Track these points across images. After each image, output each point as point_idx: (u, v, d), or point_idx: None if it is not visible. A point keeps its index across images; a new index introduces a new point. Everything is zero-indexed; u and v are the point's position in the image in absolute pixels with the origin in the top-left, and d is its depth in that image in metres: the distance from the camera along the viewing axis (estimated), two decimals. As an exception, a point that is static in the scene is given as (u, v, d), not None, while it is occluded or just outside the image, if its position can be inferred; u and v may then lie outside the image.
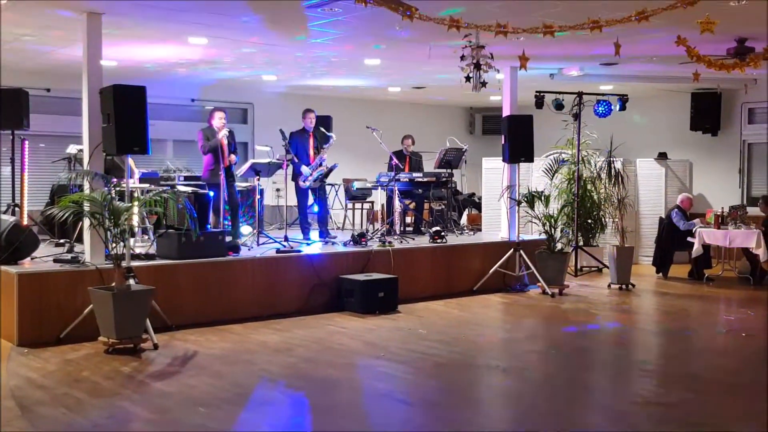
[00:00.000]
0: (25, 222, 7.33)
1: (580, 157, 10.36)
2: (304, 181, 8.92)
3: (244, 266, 7.27)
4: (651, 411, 4.55)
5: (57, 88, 10.61)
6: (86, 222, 6.41)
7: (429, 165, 10.93)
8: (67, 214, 5.85)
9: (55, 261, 6.62)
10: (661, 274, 10.18)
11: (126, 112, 6.44)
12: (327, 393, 4.93)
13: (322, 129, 9.20)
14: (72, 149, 8.73)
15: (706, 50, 7.90)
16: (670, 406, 4.63)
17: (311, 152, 9.02)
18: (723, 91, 12.12)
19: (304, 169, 8.88)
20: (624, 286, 9.20)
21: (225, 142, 8.10)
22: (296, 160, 8.86)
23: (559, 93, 10.28)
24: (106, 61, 7.54)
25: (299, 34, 8.02)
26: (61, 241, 7.91)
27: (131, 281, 5.98)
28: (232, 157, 8.30)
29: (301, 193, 9.03)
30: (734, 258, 10.62)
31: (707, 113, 12.34)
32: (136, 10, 6.96)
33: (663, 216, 10.59)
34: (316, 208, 9.14)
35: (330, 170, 9.52)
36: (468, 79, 7.18)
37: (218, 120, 8.20)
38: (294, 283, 7.50)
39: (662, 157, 11.85)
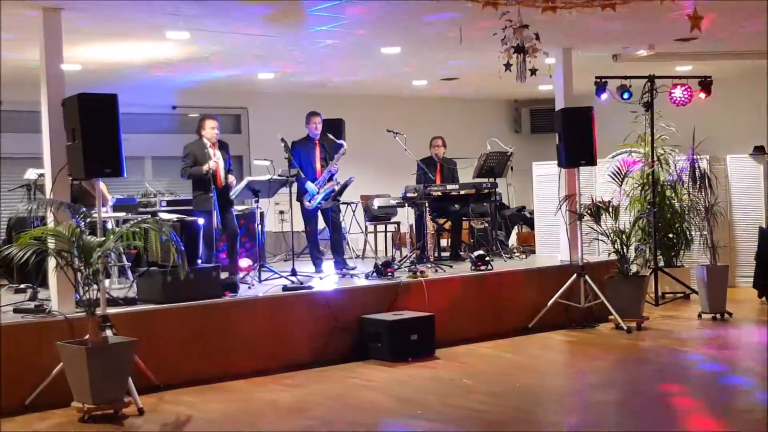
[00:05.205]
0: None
1: (656, 157, 10.32)
2: (310, 201, 9.02)
3: (245, 308, 7.35)
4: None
5: (10, 100, 10.84)
6: (51, 262, 6.53)
7: (466, 174, 10.96)
8: (28, 254, 5.97)
9: (15, 311, 6.73)
10: (765, 298, 10.09)
11: (94, 126, 6.57)
12: (352, 462, 4.96)
13: (331, 136, 9.30)
14: (31, 174, 8.89)
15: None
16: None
17: (317, 165, 9.12)
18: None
19: (310, 185, 8.98)
20: (719, 316, 9.13)
21: (221, 165, 8.23)
22: (301, 176, 8.96)
23: (626, 78, 10.27)
24: (68, 65, 7.72)
25: (300, 20, 8.14)
26: (22, 286, 8.05)
27: (108, 332, 6.08)
28: (230, 177, 8.41)
29: (308, 216, 9.13)
30: None
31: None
32: (101, 2, 7.13)
33: (764, 225, 10.50)
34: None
35: (344, 186, 9.61)
36: (508, 66, 7.23)
37: (209, 130, 8.32)
38: (306, 327, 7.56)
39: (759, 151, 11.76)
